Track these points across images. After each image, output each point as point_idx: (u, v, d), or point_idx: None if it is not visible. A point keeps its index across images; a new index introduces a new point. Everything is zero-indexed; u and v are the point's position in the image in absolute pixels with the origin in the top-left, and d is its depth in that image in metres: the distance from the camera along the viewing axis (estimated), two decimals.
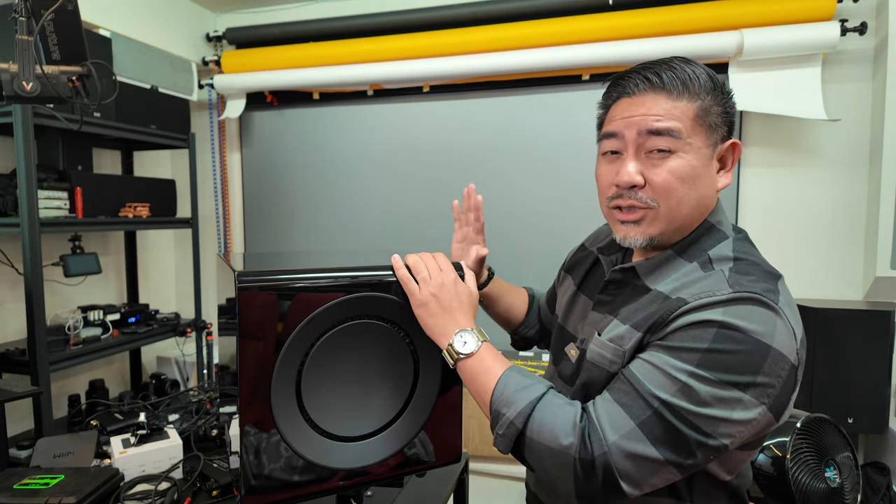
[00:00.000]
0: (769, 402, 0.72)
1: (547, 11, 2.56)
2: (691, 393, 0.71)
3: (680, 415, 0.71)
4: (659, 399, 0.72)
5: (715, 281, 0.77)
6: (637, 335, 0.80)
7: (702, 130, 0.80)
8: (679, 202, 0.80)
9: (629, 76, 0.83)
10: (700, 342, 0.72)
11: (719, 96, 0.81)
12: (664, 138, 0.79)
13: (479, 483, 2.77)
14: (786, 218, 2.46)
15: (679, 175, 0.79)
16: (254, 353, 0.82)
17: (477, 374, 0.85)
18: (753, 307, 0.72)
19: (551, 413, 0.77)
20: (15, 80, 1.15)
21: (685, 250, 0.84)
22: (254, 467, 0.84)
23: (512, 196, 2.75)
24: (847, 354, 2.02)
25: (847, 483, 1.52)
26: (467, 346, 0.86)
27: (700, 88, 0.80)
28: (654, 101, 0.80)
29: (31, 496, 1.08)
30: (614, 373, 0.81)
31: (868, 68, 2.32)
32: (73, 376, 2.62)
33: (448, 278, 0.90)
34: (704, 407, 0.70)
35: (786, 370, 0.72)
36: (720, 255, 0.82)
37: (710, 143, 0.81)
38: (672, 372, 0.72)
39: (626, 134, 0.82)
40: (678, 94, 0.79)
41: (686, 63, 0.82)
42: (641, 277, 0.86)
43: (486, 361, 0.85)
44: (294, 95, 2.99)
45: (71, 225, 2.14)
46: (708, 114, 0.80)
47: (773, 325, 0.72)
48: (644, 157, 0.81)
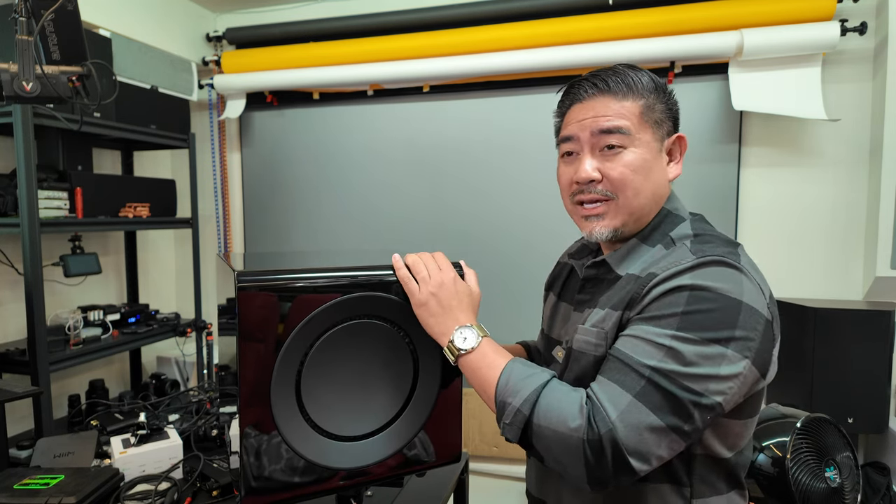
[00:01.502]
0: (752, 356, 0.76)
1: (547, 11, 2.56)
2: (677, 355, 0.75)
3: (671, 378, 0.74)
4: (649, 367, 0.75)
5: (679, 253, 0.84)
6: (615, 314, 0.85)
7: (648, 126, 0.87)
8: (635, 192, 0.87)
9: (579, 84, 0.91)
10: (675, 307, 0.77)
11: (661, 95, 0.89)
12: (615, 136, 0.86)
13: (479, 483, 2.77)
14: (786, 218, 2.46)
15: (633, 167, 0.86)
16: (253, 353, 0.82)
17: (479, 368, 0.86)
18: (718, 268, 0.78)
19: (557, 398, 0.79)
20: (15, 80, 1.15)
21: (648, 237, 0.91)
22: (254, 467, 0.84)
23: (512, 195, 2.75)
24: (847, 354, 2.02)
25: (847, 483, 1.52)
26: (468, 342, 0.87)
27: (643, 89, 0.88)
28: (603, 104, 0.88)
29: (31, 496, 1.08)
30: (601, 356, 0.84)
31: (868, 68, 2.32)
32: (73, 376, 2.62)
33: (447, 277, 0.91)
34: (692, 367, 0.74)
35: (761, 324, 0.77)
36: (681, 234, 0.89)
37: (658, 137, 0.89)
38: (656, 339, 0.76)
39: (580, 136, 0.89)
40: (623, 95, 0.87)
41: (629, 68, 0.90)
42: (613, 268, 0.92)
43: (487, 356, 0.86)
44: (294, 95, 2.99)
45: (71, 225, 2.14)
46: (652, 111, 0.88)
47: (739, 282, 0.78)
48: (599, 154, 0.88)
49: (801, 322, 2.09)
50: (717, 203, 2.49)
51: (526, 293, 2.74)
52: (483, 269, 1.34)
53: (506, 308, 2.74)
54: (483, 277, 1.25)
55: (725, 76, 2.41)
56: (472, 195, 2.81)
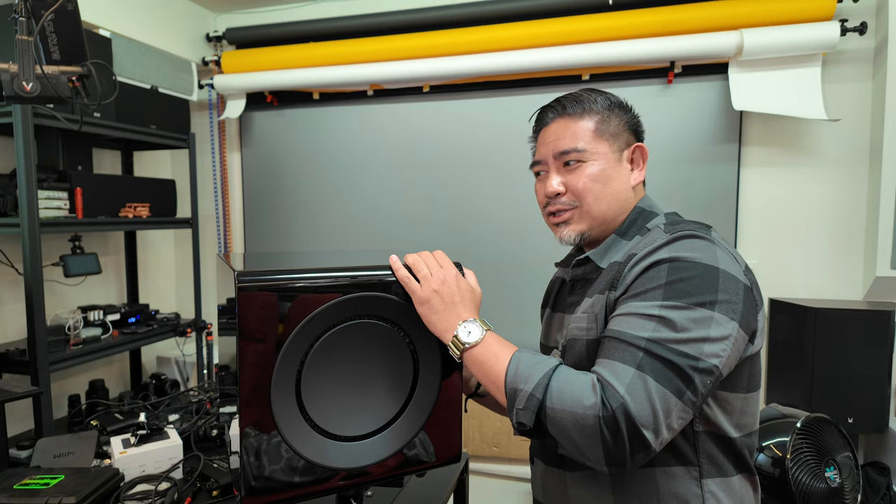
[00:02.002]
0: (738, 318, 0.80)
1: (547, 11, 2.56)
2: (668, 322, 0.79)
3: (666, 346, 0.78)
4: (644, 339, 0.79)
5: (654, 234, 0.91)
6: (602, 297, 0.91)
7: (604, 140, 0.98)
8: (596, 198, 0.97)
9: (543, 110, 1.04)
10: (658, 280, 0.82)
11: (616, 111, 1.00)
12: (572, 153, 0.97)
13: (479, 483, 2.78)
14: (786, 217, 2.46)
15: (592, 177, 0.97)
16: (254, 353, 0.82)
17: (486, 360, 0.87)
18: (691, 240, 0.85)
19: (568, 381, 0.80)
20: (15, 80, 1.15)
21: (625, 232, 0.99)
22: (254, 467, 0.84)
23: (512, 195, 2.75)
24: (847, 354, 2.02)
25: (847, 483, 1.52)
26: (472, 335, 0.88)
27: (598, 107, 0.99)
28: (562, 126, 1.00)
29: (31, 496, 1.08)
30: (592, 339, 0.89)
31: (868, 68, 2.32)
32: (73, 376, 2.62)
33: (449, 274, 0.92)
34: (684, 332, 0.78)
35: (741, 289, 0.82)
36: (655, 223, 0.97)
37: (615, 148, 0.98)
38: (645, 311, 0.81)
39: (546, 158, 1.02)
40: (579, 116, 0.99)
41: (588, 91, 1.02)
42: (597, 263, 0.98)
43: (492, 347, 0.87)
44: (294, 95, 2.99)
45: (71, 225, 2.14)
46: (607, 125, 0.98)
47: (712, 251, 0.84)
48: (564, 170, 0.99)
49: (801, 322, 2.09)
50: (717, 203, 2.49)
51: (526, 293, 2.74)
52: (483, 268, 1.34)
53: (506, 308, 2.74)
54: (483, 277, 1.25)
55: (725, 76, 2.41)
56: (471, 195, 2.81)
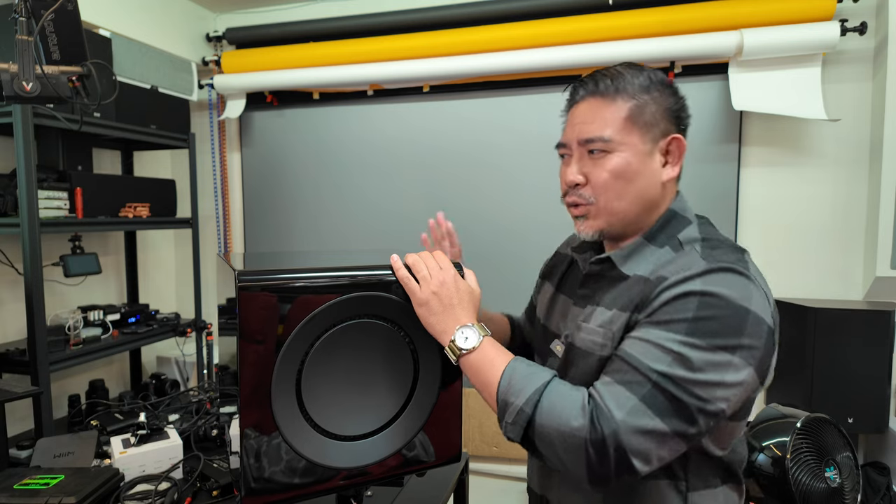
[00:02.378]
0: (755, 364, 0.77)
1: (547, 11, 2.56)
2: (685, 361, 0.75)
3: (678, 384, 0.75)
4: (657, 372, 0.75)
5: (689, 258, 0.83)
6: (624, 316, 0.84)
7: (636, 129, 0.87)
8: (617, 196, 0.88)
9: (575, 85, 0.93)
10: (685, 312, 0.77)
11: (657, 94, 0.88)
12: (597, 143, 0.87)
13: (479, 483, 2.77)
14: (786, 218, 2.46)
15: (615, 172, 0.87)
16: (254, 353, 0.82)
17: (481, 367, 0.87)
18: (728, 275, 0.79)
19: (559, 398, 0.79)
20: (15, 80, 1.15)
21: (654, 237, 0.90)
22: (254, 468, 0.84)
23: (512, 195, 2.75)
24: (847, 354, 2.02)
25: (847, 483, 1.52)
26: (469, 342, 0.87)
27: (634, 90, 0.87)
28: (591, 108, 0.89)
29: (31, 496, 1.08)
30: (606, 356, 0.85)
31: (868, 68, 2.32)
32: (73, 376, 2.62)
33: (448, 276, 0.91)
34: (699, 373, 0.75)
35: (765, 332, 0.78)
36: (689, 237, 0.88)
37: (648, 139, 0.87)
38: (665, 343, 0.76)
39: (570, 142, 0.92)
40: (612, 98, 0.87)
41: (627, 67, 0.90)
42: (617, 265, 0.91)
43: (488, 355, 0.87)
44: (294, 95, 2.99)
45: (71, 225, 2.13)
46: (642, 113, 0.87)
47: (748, 290, 0.78)
48: (587, 157, 0.89)
49: (801, 322, 2.09)
50: (717, 203, 2.49)
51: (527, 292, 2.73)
52: (483, 268, 1.34)
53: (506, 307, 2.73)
54: (483, 276, 1.25)
55: (725, 76, 2.41)
56: (472, 194, 2.81)
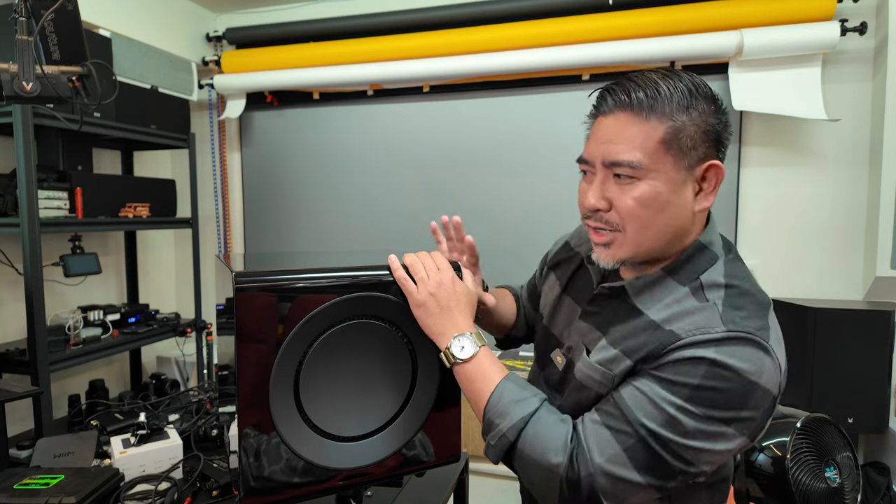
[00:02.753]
0: (749, 433, 0.75)
1: (547, 11, 2.56)
2: (677, 425, 0.73)
3: (665, 445, 0.74)
4: (646, 428, 0.74)
5: (708, 316, 0.76)
6: (627, 363, 0.80)
7: (669, 155, 0.76)
8: (644, 227, 0.79)
9: (606, 91, 0.81)
10: (691, 378, 0.73)
11: (696, 114, 0.77)
12: (624, 168, 0.77)
13: (479, 483, 2.77)
14: (786, 218, 2.45)
15: (643, 202, 0.77)
16: (252, 353, 0.82)
17: (473, 380, 0.86)
18: (745, 347, 0.73)
19: (543, 430, 0.80)
20: (15, 80, 1.15)
21: (676, 272, 0.82)
22: (253, 468, 0.84)
23: (512, 195, 2.75)
24: (847, 354, 2.02)
25: (847, 483, 1.52)
26: (465, 351, 0.86)
27: (672, 109, 0.76)
28: (620, 124, 0.78)
29: (31, 496, 1.08)
30: (602, 394, 0.83)
31: (868, 68, 2.32)
32: (73, 376, 2.62)
33: (446, 277, 0.90)
34: (689, 439, 0.73)
35: (768, 402, 0.75)
36: (712, 281, 0.80)
37: (683, 165, 0.77)
38: (661, 403, 0.74)
39: (594, 160, 0.82)
40: (646, 115, 0.76)
41: (666, 77, 0.78)
42: (631, 297, 0.85)
43: (482, 367, 0.86)
44: (294, 95, 2.99)
45: (71, 225, 2.14)
46: (678, 136, 0.76)
47: (762, 363, 0.73)
48: (613, 181, 0.80)
49: (801, 322, 2.09)
50: (717, 203, 2.45)
51: None
52: (483, 267, 1.34)
53: None
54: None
55: (725, 76, 2.41)
56: (472, 194, 2.81)
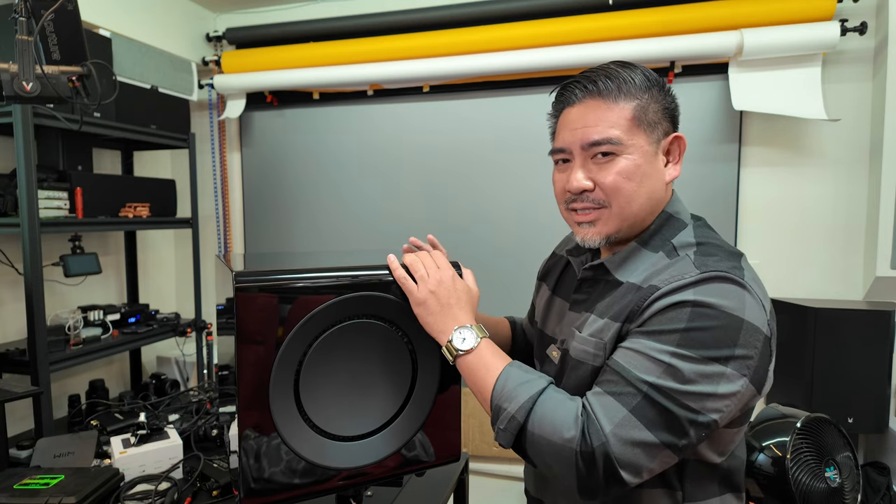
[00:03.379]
0: (750, 374, 0.76)
1: (547, 11, 2.56)
2: (676, 373, 0.74)
3: (669, 395, 0.74)
4: (647, 383, 0.75)
5: (682, 265, 0.81)
6: (615, 325, 0.83)
7: (640, 129, 0.84)
8: (629, 199, 0.85)
9: (570, 86, 0.89)
10: (677, 323, 0.75)
11: (656, 94, 0.86)
12: (605, 146, 0.84)
13: (479, 483, 2.77)
14: (786, 218, 2.46)
15: (626, 174, 0.84)
16: (252, 354, 0.82)
17: (476, 370, 0.86)
18: (722, 284, 0.77)
19: (552, 408, 0.78)
20: (15, 80, 1.15)
21: (648, 242, 0.88)
22: (253, 468, 0.84)
23: (512, 194, 2.75)
24: (847, 354, 2.02)
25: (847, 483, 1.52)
26: (466, 343, 0.87)
27: (636, 89, 0.85)
28: (593, 110, 0.85)
29: (31, 496, 1.08)
30: (598, 367, 0.84)
31: (868, 68, 2.32)
32: (73, 376, 2.62)
33: (446, 275, 0.91)
34: (690, 384, 0.74)
35: (760, 341, 0.76)
36: (683, 241, 0.86)
37: (653, 139, 0.85)
38: (655, 355, 0.75)
39: (570, 147, 0.87)
40: (614, 98, 0.84)
41: (622, 66, 0.87)
42: (612, 272, 0.89)
43: (485, 357, 0.86)
44: (294, 95, 2.99)
45: (71, 225, 2.13)
46: (645, 113, 0.84)
47: (742, 299, 0.76)
48: (591, 161, 0.86)
49: (801, 322, 2.09)
50: (717, 203, 2.49)
51: (525, 292, 2.73)
52: (482, 267, 1.34)
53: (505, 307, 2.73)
54: (482, 276, 1.25)
55: (725, 76, 2.41)
56: (471, 194, 2.81)
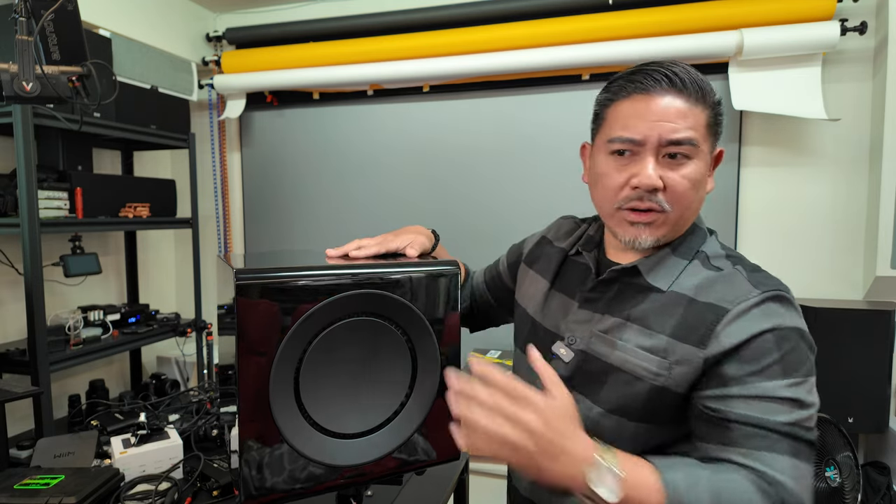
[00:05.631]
0: (815, 372, 0.79)
1: (547, 11, 2.56)
2: (799, 403, 0.75)
3: (803, 426, 0.75)
4: (786, 424, 0.74)
5: (739, 283, 0.81)
6: (686, 348, 0.79)
7: (709, 138, 0.83)
8: (688, 206, 0.83)
9: (650, 74, 0.80)
10: (771, 354, 0.76)
11: (719, 106, 0.84)
12: (685, 146, 0.80)
13: (479, 483, 2.77)
14: (786, 218, 2.46)
15: (692, 181, 0.81)
16: (253, 350, 0.82)
17: None
18: (780, 305, 0.79)
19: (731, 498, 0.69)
20: (15, 80, 1.15)
21: (677, 248, 0.88)
22: (253, 467, 0.84)
23: (512, 194, 2.75)
24: (847, 354, 2.02)
25: (847, 482, 1.52)
26: (612, 492, 0.66)
27: (711, 97, 0.82)
28: (677, 105, 0.79)
29: (31, 496, 1.08)
30: (659, 386, 0.80)
31: (868, 68, 2.32)
32: (74, 376, 2.62)
33: (532, 419, 0.66)
34: (810, 408, 0.75)
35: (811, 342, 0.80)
36: (714, 252, 0.87)
37: (711, 150, 0.85)
38: (775, 394, 0.75)
39: (647, 139, 0.80)
40: (695, 100, 0.80)
41: (691, 68, 0.83)
42: (644, 276, 0.87)
43: (640, 494, 0.68)
44: (294, 95, 2.99)
45: (71, 225, 2.13)
46: (716, 122, 0.83)
47: (796, 310, 0.80)
48: (663, 161, 0.81)
49: None
50: (717, 203, 2.49)
51: None
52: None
53: None
54: None
55: (725, 76, 2.41)
56: (472, 194, 2.81)
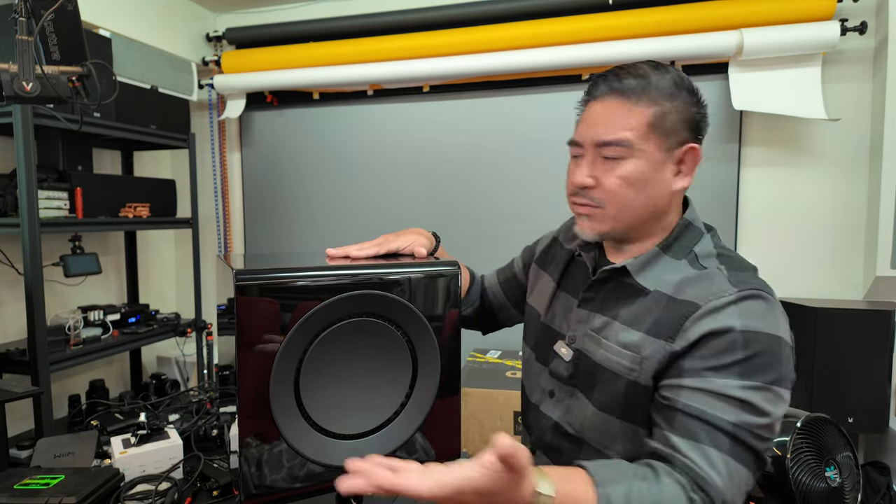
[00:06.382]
0: (790, 386, 0.79)
1: (547, 11, 2.56)
2: (751, 407, 0.75)
3: (750, 431, 0.75)
4: (730, 423, 0.75)
5: (718, 281, 0.82)
6: (657, 344, 0.82)
7: (654, 136, 0.84)
8: (626, 204, 0.86)
9: (598, 79, 0.89)
10: (733, 354, 0.76)
11: (681, 102, 0.85)
12: (613, 148, 0.84)
13: None
14: (786, 218, 2.46)
15: (627, 180, 0.85)
16: (253, 350, 0.82)
17: None
18: (758, 303, 0.79)
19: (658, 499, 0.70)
20: (15, 80, 1.15)
21: (669, 248, 0.90)
22: (252, 465, 0.84)
23: (512, 194, 2.75)
24: (847, 354, 2.02)
25: (847, 483, 1.52)
26: None
27: (660, 94, 0.84)
28: (610, 108, 0.85)
29: (31, 496, 1.08)
30: (632, 381, 0.84)
31: (868, 68, 2.32)
32: (74, 376, 2.62)
33: None
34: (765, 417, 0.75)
35: (790, 353, 0.80)
36: (704, 251, 0.88)
37: (665, 147, 0.85)
38: (726, 392, 0.75)
39: (584, 142, 0.89)
40: (636, 100, 0.84)
41: (654, 68, 0.86)
42: (633, 276, 0.89)
43: None
44: (294, 95, 2.99)
45: (71, 225, 2.13)
46: (664, 119, 0.84)
47: (776, 316, 0.80)
48: (600, 161, 0.87)
49: (801, 322, 2.09)
50: (717, 203, 2.49)
51: None
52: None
53: None
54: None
55: (725, 76, 2.41)
56: (472, 194, 2.81)
